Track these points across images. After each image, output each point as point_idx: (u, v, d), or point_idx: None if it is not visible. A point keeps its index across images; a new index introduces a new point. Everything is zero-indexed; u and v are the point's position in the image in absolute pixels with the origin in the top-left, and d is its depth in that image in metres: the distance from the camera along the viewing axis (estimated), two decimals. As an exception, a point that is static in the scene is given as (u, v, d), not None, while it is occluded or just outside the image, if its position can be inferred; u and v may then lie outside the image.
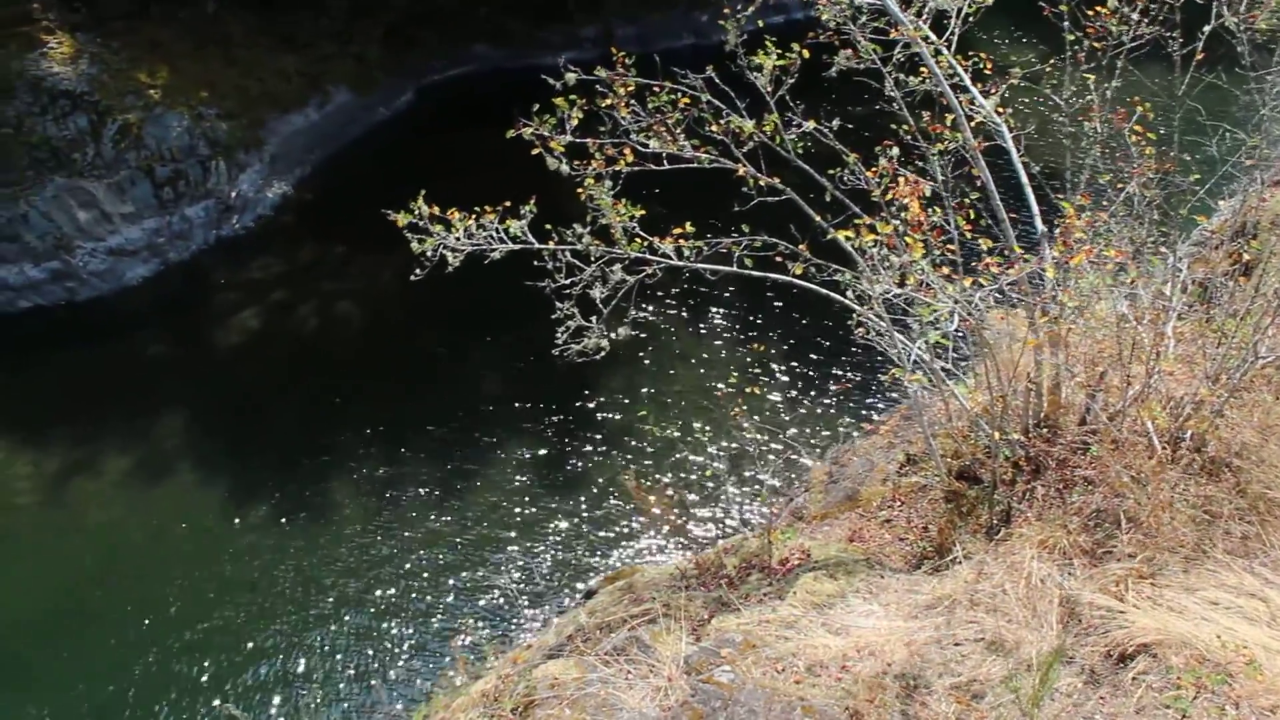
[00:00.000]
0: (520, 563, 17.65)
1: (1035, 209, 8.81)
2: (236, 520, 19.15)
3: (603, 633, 8.10)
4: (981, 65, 9.12)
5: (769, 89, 8.71)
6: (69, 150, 26.06)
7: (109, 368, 23.62)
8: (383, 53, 33.52)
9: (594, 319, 9.40)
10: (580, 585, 16.60)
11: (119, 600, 17.84)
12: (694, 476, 18.65)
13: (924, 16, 8.78)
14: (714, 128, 8.68)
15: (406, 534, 18.53)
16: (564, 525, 18.33)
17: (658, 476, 18.87)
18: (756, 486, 17.30)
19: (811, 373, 20.95)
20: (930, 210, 8.04)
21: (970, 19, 9.05)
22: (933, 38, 8.62)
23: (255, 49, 31.08)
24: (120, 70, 27.57)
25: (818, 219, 8.65)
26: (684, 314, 22.95)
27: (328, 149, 31.10)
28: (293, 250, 27.39)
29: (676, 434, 18.88)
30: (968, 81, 8.81)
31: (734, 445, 18.20)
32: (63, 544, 19.08)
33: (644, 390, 21.11)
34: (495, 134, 29.09)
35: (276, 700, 15.91)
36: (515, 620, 16.50)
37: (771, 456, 17.85)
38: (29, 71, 26.25)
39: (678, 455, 19.09)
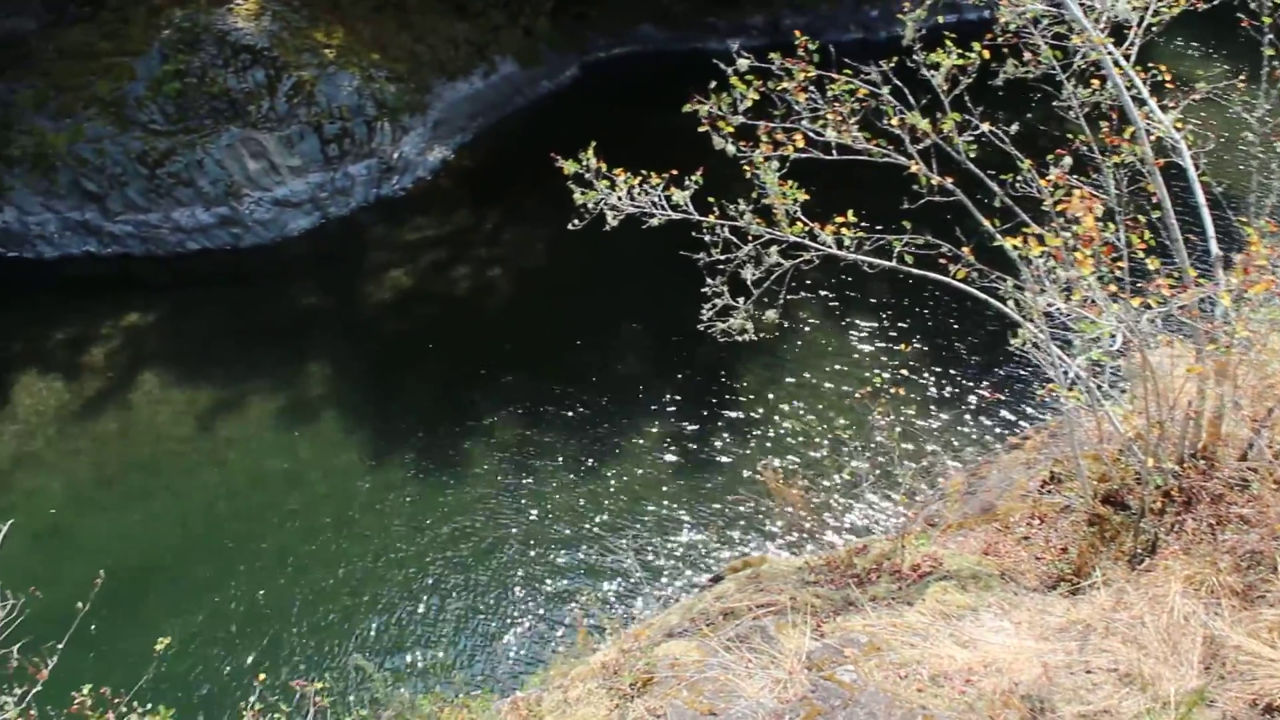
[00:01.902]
0: (646, 539, 17.77)
1: (1211, 232, 8.45)
2: (372, 472, 19.72)
3: (727, 619, 8.09)
4: (1161, 77, 8.77)
5: (944, 88, 8.54)
6: (246, 102, 27.09)
7: (265, 313, 24.61)
8: (550, 27, 33.93)
9: (741, 299, 9.38)
10: (703, 569, 16.64)
11: (252, 536, 18.61)
12: (829, 472, 18.48)
13: (1104, 24, 8.48)
14: (893, 122, 8.54)
15: (537, 500, 18.83)
16: (693, 507, 18.36)
17: (793, 468, 18.76)
18: (892, 489, 17.07)
19: (959, 379, 20.53)
20: (1102, 226, 7.78)
21: (1153, 29, 8.71)
22: (1111, 47, 8.32)
23: (428, 15, 31.80)
24: (299, 28, 28.51)
25: (985, 223, 8.46)
26: (834, 304, 22.71)
27: (490, 118, 31.68)
28: (448, 214, 28.02)
29: (816, 427, 18.73)
30: (1146, 94, 8.49)
31: (873, 445, 17.99)
32: (205, 478, 19.99)
33: (787, 379, 20.98)
34: (656, 114, 29.23)
35: (396, 649, 16.35)
36: (636, 596, 16.63)
37: (910, 460, 17.59)
38: (215, 25, 27.37)
39: (815, 449, 18.94)
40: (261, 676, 9.52)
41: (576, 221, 9.30)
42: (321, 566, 17.87)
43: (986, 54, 8.45)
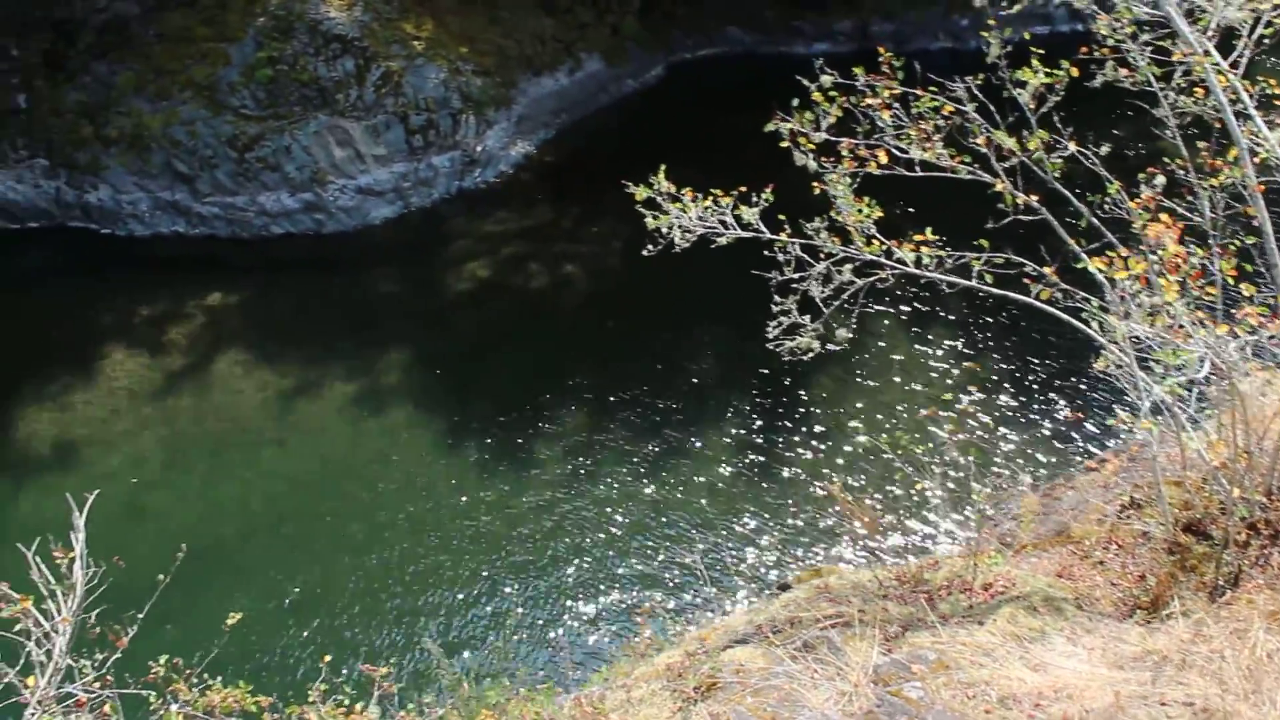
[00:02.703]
0: (712, 544, 17.77)
1: (1313, 260, 8.23)
2: (443, 462, 19.95)
3: (793, 628, 8.08)
4: (1270, 90, 8.53)
5: (1032, 105, 8.42)
6: (334, 91, 27.55)
7: (344, 299, 25.02)
8: (638, 25, 34.01)
9: (808, 318, 9.31)
10: (769, 577, 16.59)
11: (323, 518, 18.96)
12: (900, 487, 18.32)
13: (1210, 33, 8.26)
14: (979, 140, 8.44)
15: (605, 498, 18.91)
16: (760, 515, 18.32)
17: (863, 482, 18.64)
18: (964, 506, 16.87)
19: (1035, 400, 20.22)
20: (1192, 249, 7.62)
21: (1265, 40, 8.47)
22: (1218, 58, 8.12)
23: (517, 10, 32.04)
24: (390, 20, 28.91)
25: (1071, 243, 8.34)
26: (908, 319, 22.50)
27: (573, 114, 31.85)
28: (528, 209, 28.22)
29: (887, 442, 18.58)
30: (1252, 109, 8.25)
31: (945, 462, 17.80)
32: (279, 458, 20.43)
33: (858, 393, 20.82)
34: (739, 117, 29.15)
35: (460, 639, 16.53)
36: (699, 600, 16.64)
37: (983, 479, 17.37)
38: (309, 14, 27.88)
39: (885, 463, 18.77)
40: (327, 658, 9.68)
41: (651, 247, 9.28)
42: (389, 553, 18.12)
43: (1075, 71, 8.31)
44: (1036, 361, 21.13)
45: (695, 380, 21.57)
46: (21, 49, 28.15)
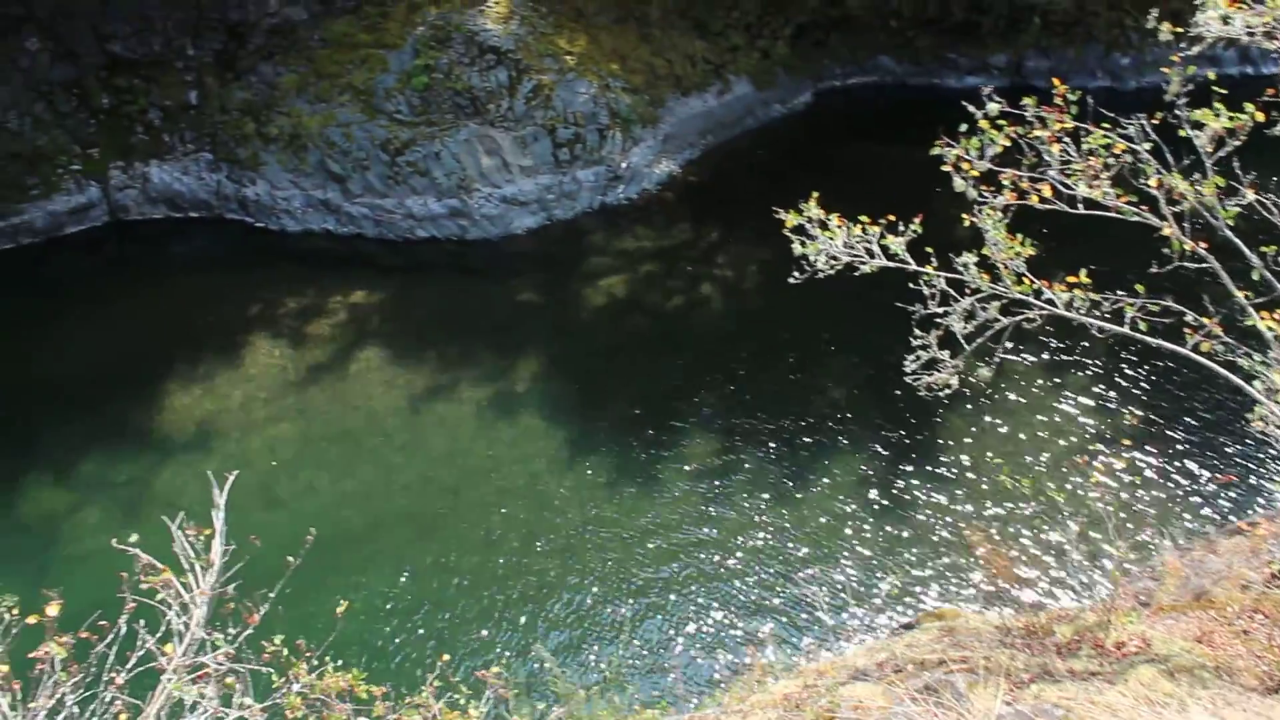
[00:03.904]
0: (833, 576, 17.51)
1: None
2: (568, 472, 20.10)
3: (916, 669, 7.88)
4: None
5: (1209, 149, 8.09)
6: (486, 100, 28.14)
7: (482, 305, 25.49)
8: (788, 51, 33.93)
9: (947, 353, 9.10)
10: (889, 614, 16.28)
11: (447, 517, 19.28)
12: (1031, 534, 17.79)
13: None
14: (1150, 181, 8.14)
15: (725, 522, 18.81)
16: (885, 550, 17.97)
17: (993, 524, 18.16)
18: (1099, 559, 16.30)
19: (1184, 455, 19.41)
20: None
21: None
22: None
23: (669, 31, 32.29)
24: (544, 34, 29.41)
25: (1238, 295, 7.97)
26: (1049, 363, 21.85)
27: (719, 136, 31.91)
28: (668, 227, 28.35)
29: (1022, 486, 18.07)
30: None
31: (1083, 512, 17.23)
32: (409, 455, 20.86)
33: (995, 433, 20.30)
34: (886, 147, 28.92)
35: (572, 648, 16.59)
36: (817, 631, 16.40)
37: (1122, 532, 16.73)
38: (466, 25, 28.56)
39: (1019, 508, 18.26)
40: (445, 656, 9.80)
41: (796, 274, 9.19)
42: (508, 556, 18.32)
43: (1261, 116, 7.95)
44: (1187, 415, 20.32)
45: (825, 410, 21.32)
46: (197, 49, 29.49)
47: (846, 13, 34.11)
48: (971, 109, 8.69)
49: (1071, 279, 8.42)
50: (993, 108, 8.49)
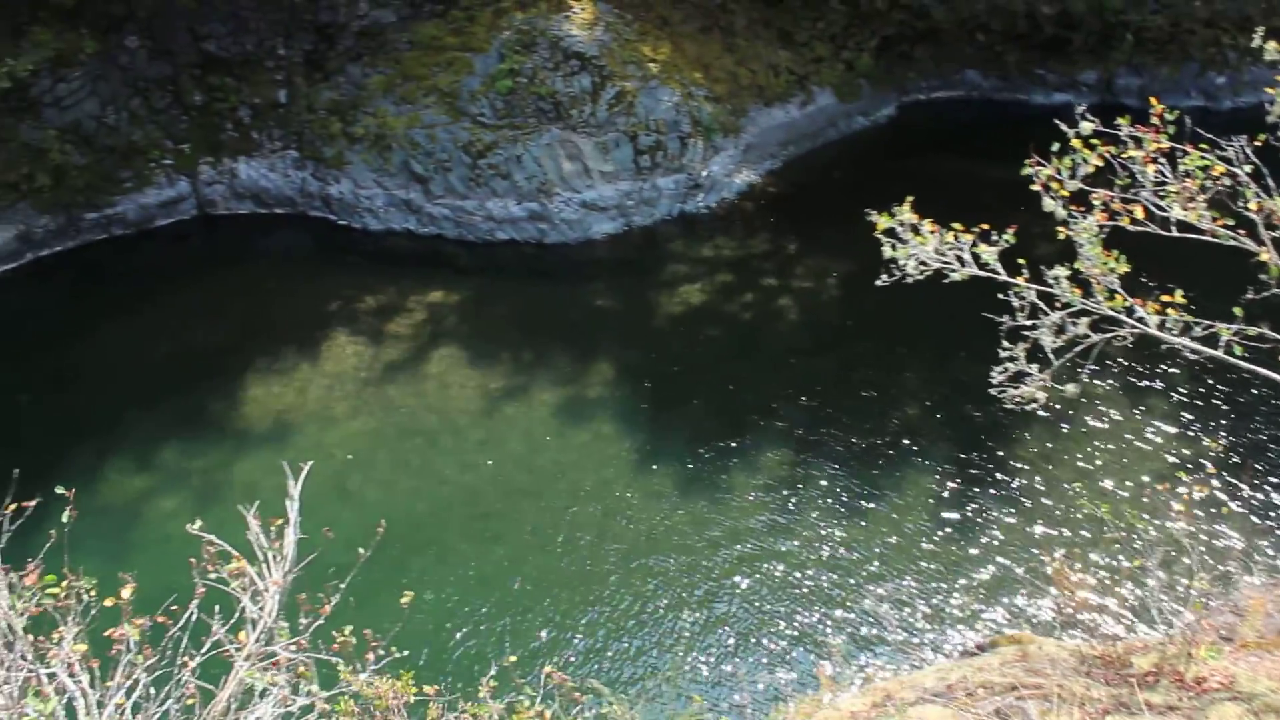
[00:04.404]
0: (902, 592, 17.25)
1: None
2: (639, 478, 20.08)
3: (986, 692, 7.72)
4: None
5: (1311, 171, 7.84)
6: (569, 106, 28.26)
7: (559, 308, 25.63)
8: (873, 63, 33.64)
9: (1035, 367, 8.93)
10: (958, 635, 15.99)
11: (515, 518, 19.36)
12: (1111, 560, 17.36)
13: None
14: (1251, 206, 7.90)
15: (794, 534, 18.65)
16: (957, 569, 17.66)
17: (1070, 549, 17.76)
18: (1181, 592, 15.86)
19: (1273, 488, 18.84)
20: None
21: None
22: None
23: (753, 41, 32.19)
24: (628, 41, 29.47)
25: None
26: (1138, 383, 21.31)
27: (800, 147, 31.74)
28: (747, 237, 28.24)
29: (1101, 511, 17.64)
30: None
31: (1164, 541, 16.78)
32: (480, 455, 20.97)
33: (1074, 455, 19.84)
34: (971, 162, 28.49)
35: (635, 655, 16.54)
36: (884, 648, 16.16)
37: (1206, 565, 16.24)
38: (551, 31, 28.72)
39: (1098, 534, 17.84)
40: (513, 658, 9.83)
41: (885, 277, 9.11)
42: (576, 560, 18.33)
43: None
44: (1276, 445, 19.73)
45: (899, 425, 21.05)
46: (287, 49, 30.05)
47: (933, 26, 33.71)
48: (1064, 127, 8.52)
49: (1165, 298, 8.22)
50: (1086, 126, 8.32)
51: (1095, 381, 20.92)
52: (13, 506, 6.77)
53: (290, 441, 21.34)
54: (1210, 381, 21.17)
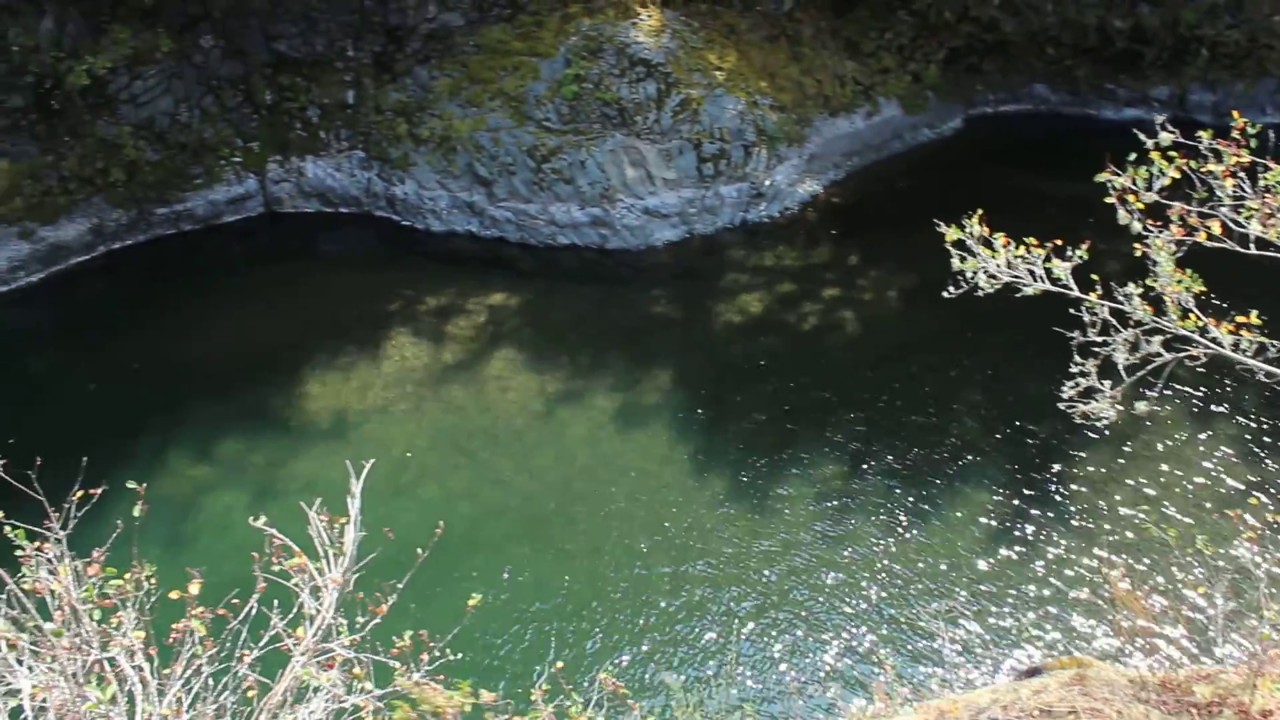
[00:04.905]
0: (956, 610, 17.02)
1: None
2: (693, 486, 20.03)
3: (1043, 715, 7.57)
4: None
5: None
6: (634, 112, 28.31)
7: (618, 314, 25.69)
8: (939, 75, 33.37)
9: (1107, 384, 8.79)
10: (1016, 657, 15.75)
11: (571, 522, 19.39)
12: (1174, 586, 16.99)
13: None
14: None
15: (847, 546, 18.49)
16: (1013, 588, 17.38)
17: (1132, 573, 17.42)
18: (1248, 620, 15.48)
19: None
20: None
21: None
22: None
23: (820, 50, 32.06)
24: (694, 49, 29.47)
25: None
26: (1208, 405, 20.85)
27: (864, 158, 31.55)
28: (808, 247, 28.11)
29: (1165, 535, 17.30)
30: None
31: (1232, 569, 16.42)
32: (537, 458, 21.06)
33: (1138, 476, 19.43)
34: (1038, 177, 28.09)
35: (688, 663, 16.47)
36: (938, 668, 15.95)
37: (1273, 598, 15.84)
38: (618, 37, 28.79)
39: (1161, 558, 17.47)
40: (559, 664, 9.81)
41: (952, 289, 9.03)
42: (629, 566, 18.30)
43: None
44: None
45: (957, 441, 20.79)
46: (357, 51, 30.42)
47: (1002, 38, 33.36)
48: (1141, 137, 8.39)
49: (1241, 319, 8.06)
50: (1165, 138, 8.18)
51: (1164, 402, 20.52)
52: (79, 493, 6.86)
53: (349, 438, 21.55)
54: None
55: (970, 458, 20.35)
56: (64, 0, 27.13)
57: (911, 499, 19.45)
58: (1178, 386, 20.85)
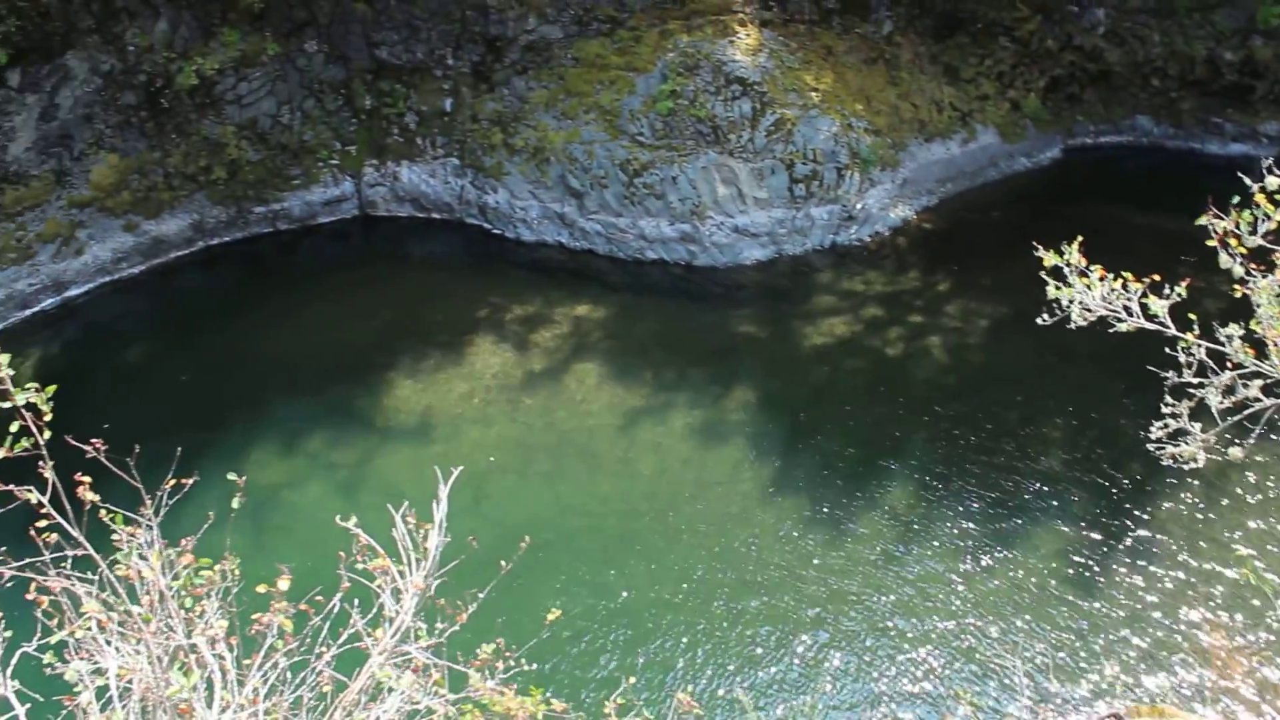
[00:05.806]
0: (1033, 651, 16.65)
1: None
2: (771, 505, 19.89)
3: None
4: None
5: None
6: (728, 130, 28.31)
7: (703, 331, 25.64)
8: (1039, 104, 32.91)
9: (1198, 425, 8.57)
10: (1094, 701, 15.37)
11: (650, 537, 19.33)
12: (1263, 638, 16.49)
13: None
14: None
15: (921, 577, 18.21)
16: (1093, 632, 16.95)
17: (1219, 623, 16.94)
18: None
19: None
20: None
21: None
22: None
23: (918, 75, 31.80)
24: (790, 69, 29.39)
25: None
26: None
27: (958, 185, 31.20)
28: (897, 273, 27.84)
29: (1264, 586, 16.80)
30: None
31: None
32: (617, 471, 21.10)
33: (1226, 522, 18.90)
34: (1136, 211, 27.43)
35: (756, 686, 16.34)
36: (1013, 708, 15.62)
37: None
38: (715, 55, 28.85)
39: (1254, 609, 16.95)
40: (631, 679, 9.79)
41: (1046, 317, 8.91)
42: (708, 583, 18.21)
43: None
44: None
45: (1040, 475, 20.36)
46: (456, 59, 30.87)
47: (1105, 68, 32.82)
48: (1246, 180, 8.19)
49: (1348, 368, 7.80)
50: (1272, 181, 7.96)
51: (1260, 449, 19.94)
52: (172, 482, 7.00)
53: (431, 442, 21.79)
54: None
55: (1052, 494, 19.93)
56: (178, 3, 27.98)
57: (988, 533, 19.10)
58: (1275, 437, 20.24)
